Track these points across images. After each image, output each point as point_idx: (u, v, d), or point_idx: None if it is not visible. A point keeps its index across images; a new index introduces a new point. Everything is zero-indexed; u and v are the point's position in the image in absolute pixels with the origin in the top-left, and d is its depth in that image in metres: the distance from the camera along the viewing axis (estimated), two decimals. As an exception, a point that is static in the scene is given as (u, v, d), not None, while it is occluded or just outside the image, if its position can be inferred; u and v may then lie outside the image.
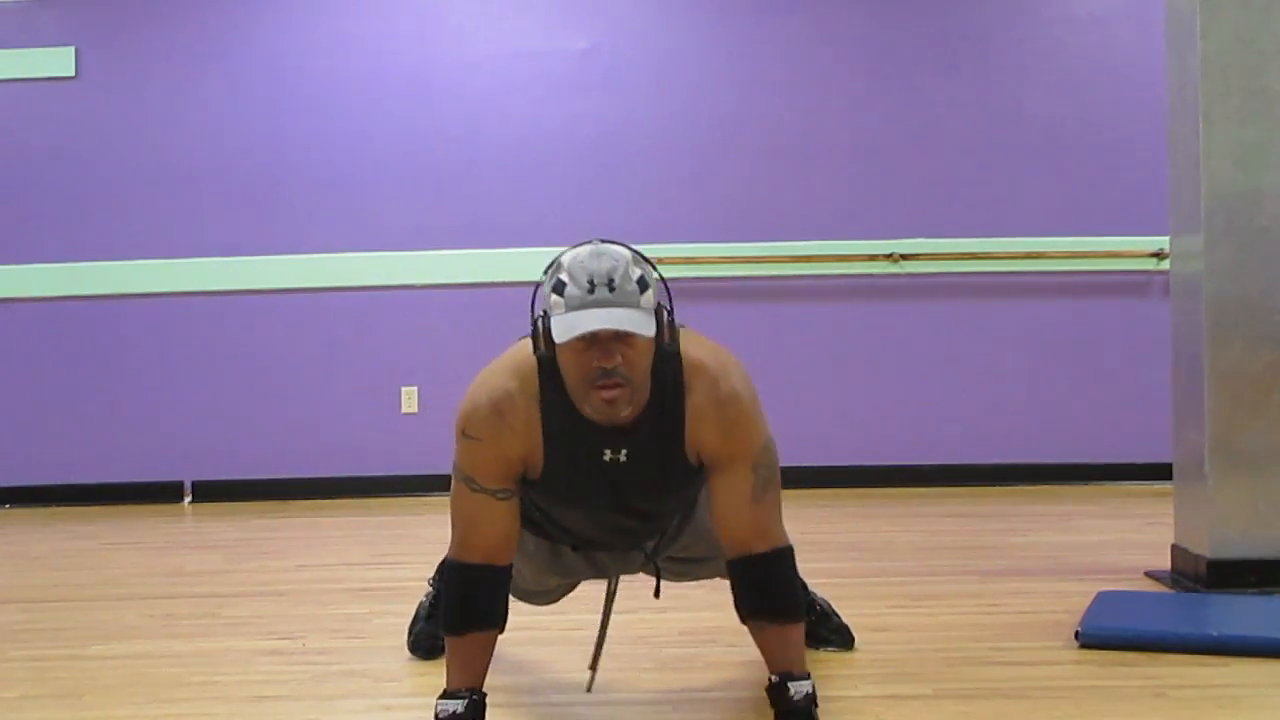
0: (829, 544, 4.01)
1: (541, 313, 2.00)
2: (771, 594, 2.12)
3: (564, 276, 1.96)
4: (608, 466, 2.07)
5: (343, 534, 4.62)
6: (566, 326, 1.92)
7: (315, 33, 5.54)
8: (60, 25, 5.53)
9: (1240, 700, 2.34)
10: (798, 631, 2.15)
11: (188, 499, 5.56)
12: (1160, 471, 4.10)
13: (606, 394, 1.95)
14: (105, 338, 5.55)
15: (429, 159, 5.53)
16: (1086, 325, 5.51)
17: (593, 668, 2.39)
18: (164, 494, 5.54)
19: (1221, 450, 3.28)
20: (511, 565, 2.15)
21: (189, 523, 5.10)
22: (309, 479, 5.53)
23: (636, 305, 1.95)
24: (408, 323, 5.55)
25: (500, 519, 2.10)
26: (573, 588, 2.58)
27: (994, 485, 5.42)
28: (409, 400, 5.54)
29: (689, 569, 2.48)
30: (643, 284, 1.98)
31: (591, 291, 1.93)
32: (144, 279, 5.52)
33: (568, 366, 1.98)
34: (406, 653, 2.75)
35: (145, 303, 5.54)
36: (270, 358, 5.56)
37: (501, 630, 2.14)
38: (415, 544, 4.38)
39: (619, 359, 1.93)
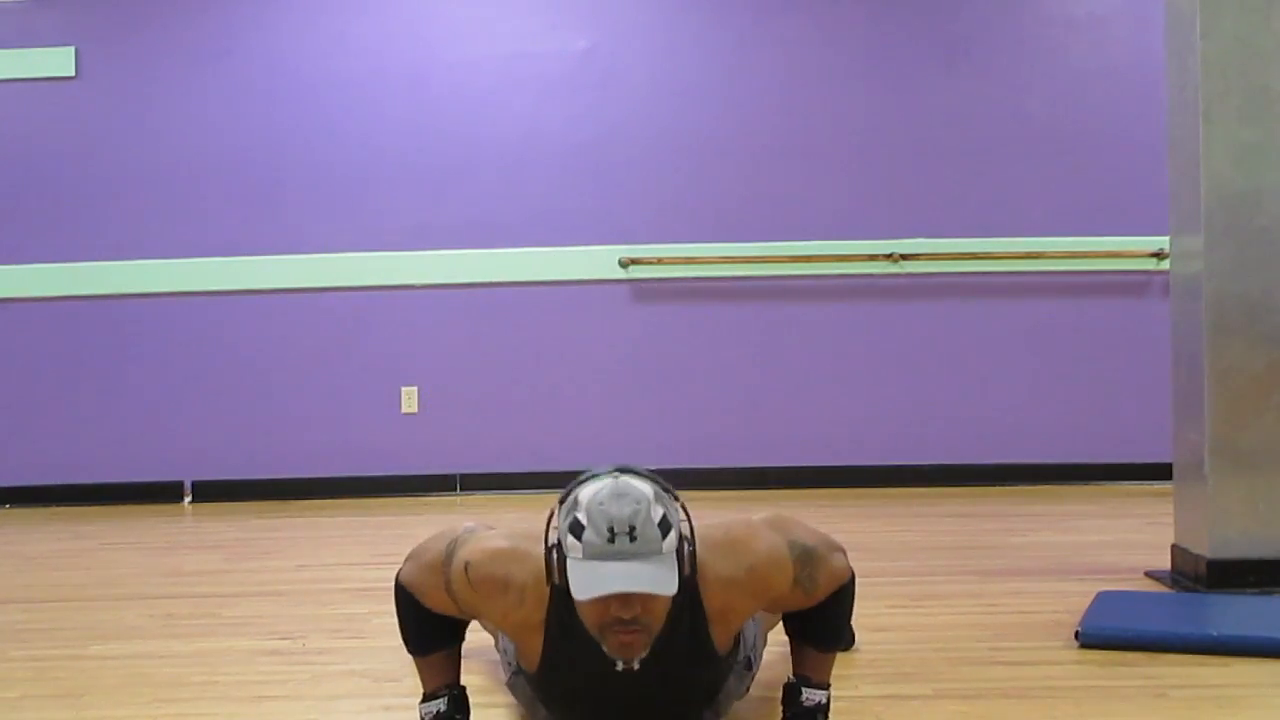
0: (829, 544, 4.01)
1: (555, 542, 1.89)
2: (823, 626, 2.11)
3: (582, 518, 1.84)
4: (618, 675, 1.93)
5: (343, 534, 4.62)
6: (585, 582, 1.81)
7: (315, 33, 5.54)
8: (60, 25, 5.53)
9: (1240, 700, 2.34)
10: (834, 654, 2.15)
11: (188, 499, 5.56)
12: (1160, 471, 4.10)
13: (624, 639, 1.86)
14: (105, 338, 5.55)
15: (429, 159, 5.53)
16: (1086, 325, 5.51)
17: None
18: (164, 494, 5.54)
19: (1221, 450, 3.28)
20: None
21: (189, 523, 5.10)
22: (309, 479, 5.53)
23: (658, 553, 1.82)
24: (408, 323, 5.55)
25: (455, 613, 2.09)
26: None
27: (994, 485, 5.42)
28: (409, 400, 5.54)
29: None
30: (664, 526, 1.84)
31: (612, 541, 1.80)
32: (144, 279, 5.52)
33: (584, 613, 1.88)
34: (406, 653, 2.75)
35: (145, 303, 5.54)
36: (270, 358, 5.56)
37: (461, 640, 2.15)
38: (415, 544, 4.38)
39: (638, 609, 1.83)
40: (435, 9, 5.56)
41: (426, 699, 2.12)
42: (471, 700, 2.15)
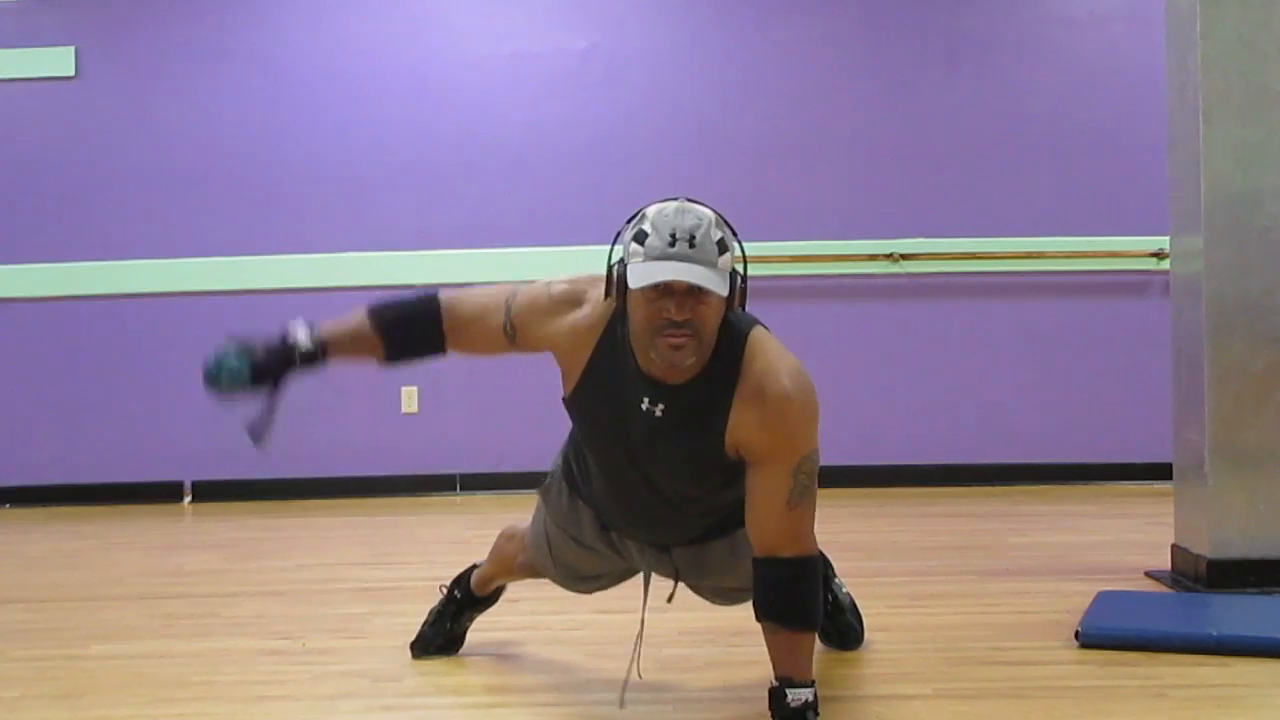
0: (829, 544, 3.99)
1: (619, 260, 2.04)
2: (789, 600, 2.12)
3: (647, 227, 2.02)
4: (641, 414, 2.09)
5: (343, 534, 4.62)
6: (643, 274, 1.96)
7: (315, 32, 5.54)
8: (60, 25, 5.53)
9: (1240, 700, 2.35)
10: (808, 640, 2.15)
11: (188, 499, 5.56)
12: (1160, 471, 4.10)
13: (674, 340, 1.98)
14: (105, 338, 5.55)
15: (429, 159, 5.53)
16: (1086, 325, 5.51)
17: (625, 683, 2.33)
18: (164, 494, 5.53)
19: (1221, 450, 3.28)
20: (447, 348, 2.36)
21: (189, 523, 5.10)
22: (308, 479, 5.52)
23: (714, 265, 1.99)
24: (408, 323, 5.54)
25: (488, 340, 2.37)
26: (612, 583, 2.55)
27: (994, 485, 5.42)
28: (409, 400, 5.54)
29: (732, 597, 2.44)
30: (722, 246, 2.03)
31: (673, 244, 1.97)
32: (144, 279, 5.52)
33: (637, 312, 2.02)
34: (406, 653, 2.75)
35: (145, 303, 5.53)
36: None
37: (387, 351, 2.42)
38: (415, 544, 4.39)
39: (689, 313, 1.97)
40: (435, 9, 5.56)
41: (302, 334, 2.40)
42: (474, 700, 2.15)
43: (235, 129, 5.52)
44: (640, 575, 2.44)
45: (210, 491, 5.53)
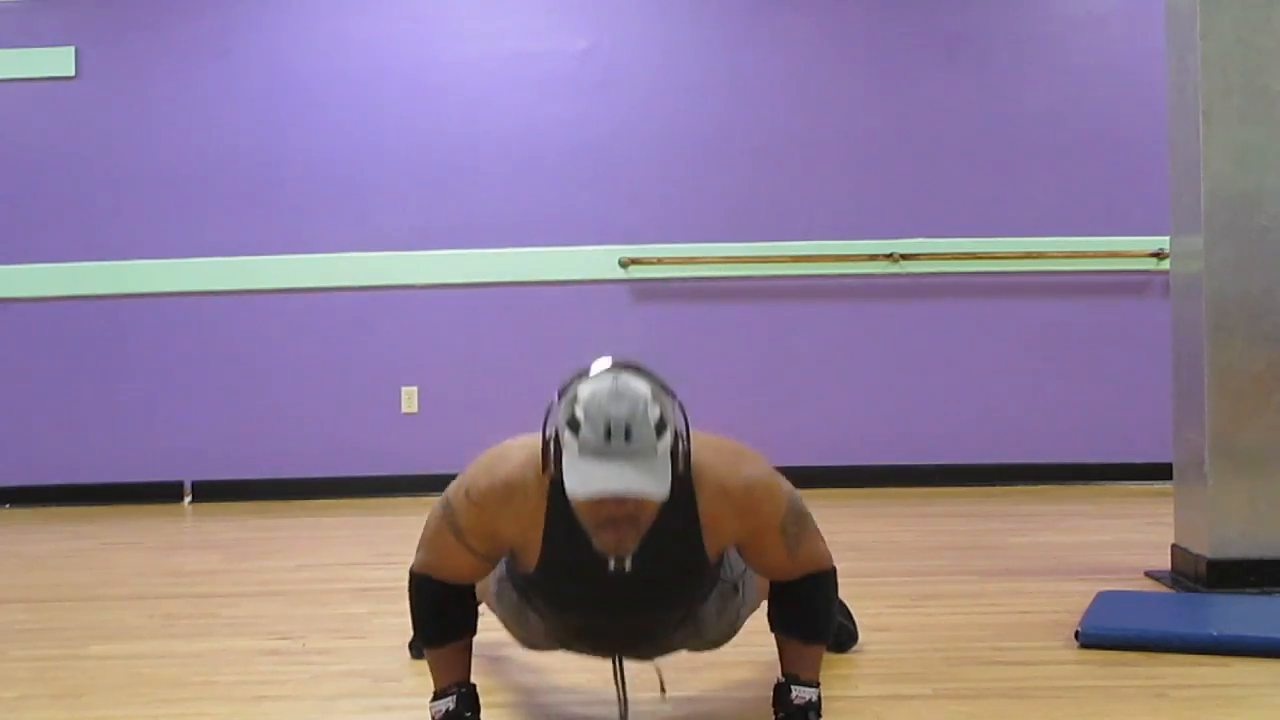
0: (829, 544, 4.01)
1: (554, 433, 1.92)
2: (803, 614, 2.13)
3: (579, 413, 1.88)
4: (611, 575, 1.96)
5: (343, 534, 4.62)
6: (579, 480, 1.84)
7: (315, 33, 5.54)
8: (60, 25, 5.53)
9: (1240, 700, 2.34)
10: (818, 648, 2.15)
11: (188, 499, 5.56)
12: (1160, 471, 4.10)
13: (615, 534, 1.89)
14: (105, 338, 5.55)
15: (428, 159, 5.53)
16: (1086, 325, 5.51)
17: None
18: (164, 494, 5.54)
19: (1221, 450, 3.28)
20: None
21: (189, 523, 5.10)
22: (309, 479, 5.53)
23: (653, 454, 1.86)
24: (408, 323, 5.55)
25: (472, 570, 2.10)
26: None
27: (994, 485, 5.42)
28: (409, 400, 5.54)
29: (705, 648, 2.39)
30: (660, 426, 1.89)
31: (608, 439, 1.84)
32: (144, 279, 5.52)
33: (578, 509, 1.91)
34: (406, 653, 2.76)
35: (145, 303, 5.54)
36: (270, 358, 5.56)
37: (475, 631, 2.15)
38: (415, 544, 4.38)
39: (631, 507, 1.87)
40: (435, 9, 5.56)
41: (437, 696, 2.11)
42: (481, 700, 2.15)
43: (235, 129, 5.52)
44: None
45: (210, 491, 5.53)
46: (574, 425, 1.88)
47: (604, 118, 5.52)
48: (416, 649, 2.74)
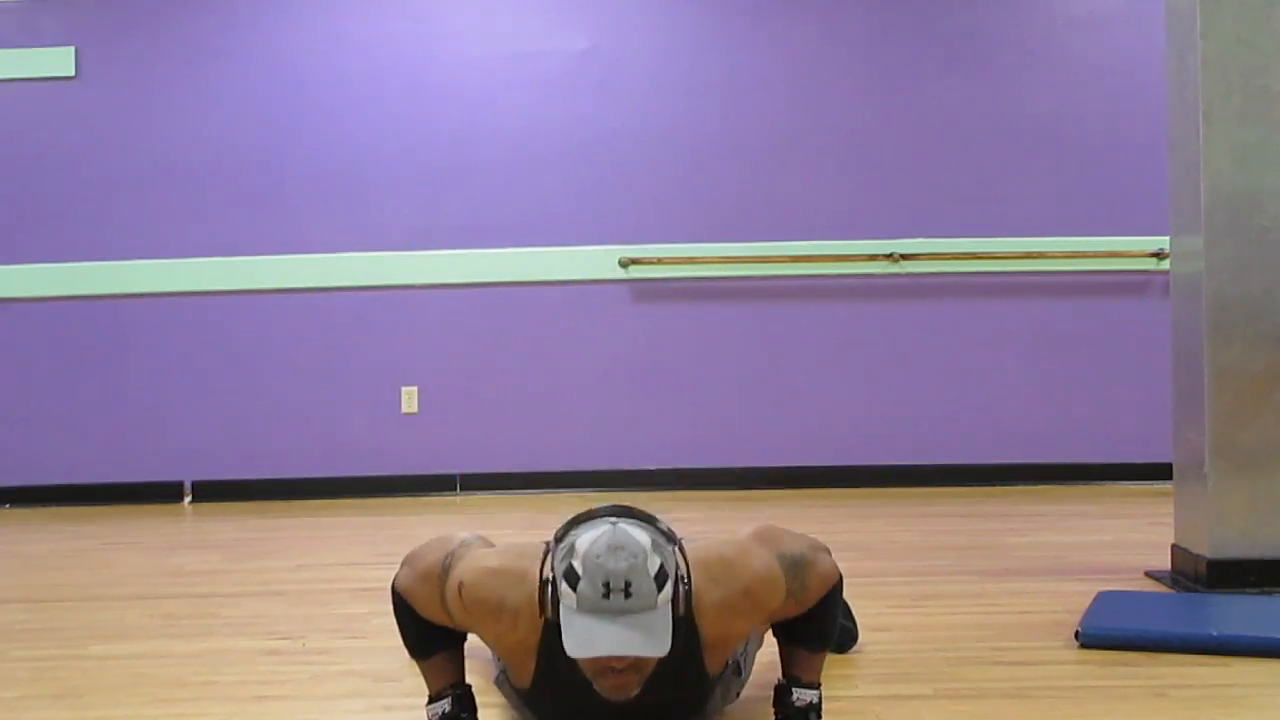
0: (829, 544, 4.01)
1: (550, 578, 1.86)
2: (811, 627, 2.12)
3: (578, 567, 1.80)
4: (610, 703, 1.92)
5: (343, 534, 4.62)
6: (578, 640, 1.79)
7: (315, 33, 5.54)
8: (60, 25, 5.53)
9: (1240, 700, 2.34)
10: (824, 654, 2.15)
11: (188, 499, 5.56)
12: (1160, 471, 4.10)
13: (617, 682, 1.86)
14: (105, 338, 5.55)
15: (428, 159, 5.53)
16: (1086, 325, 5.51)
17: None
18: (164, 494, 5.54)
19: (1221, 450, 3.28)
20: None
21: (189, 523, 5.10)
22: (309, 479, 5.53)
23: (653, 608, 1.80)
24: (408, 323, 5.55)
25: (450, 626, 2.09)
26: None
27: (994, 485, 5.42)
28: (409, 400, 5.54)
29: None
30: (660, 578, 1.81)
31: (607, 596, 1.78)
32: (144, 279, 5.53)
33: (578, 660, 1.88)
34: (406, 653, 2.75)
35: (145, 303, 5.54)
36: (270, 358, 5.56)
37: (465, 639, 2.14)
38: (415, 544, 4.37)
39: (632, 659, 1.83)
40: (435, 9, 5.56)
41: (432, 700, 2.11)
42: (481, 700, 2.15)
43: (235, 129, 5.52)
44: None
45: (210, 491, 5.53)
46: (571, 578, 1.80)
47: (604, 118, 5.52)
48: (416, 650, 2.73)
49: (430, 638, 2.13)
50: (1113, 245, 5.46)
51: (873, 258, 5.47)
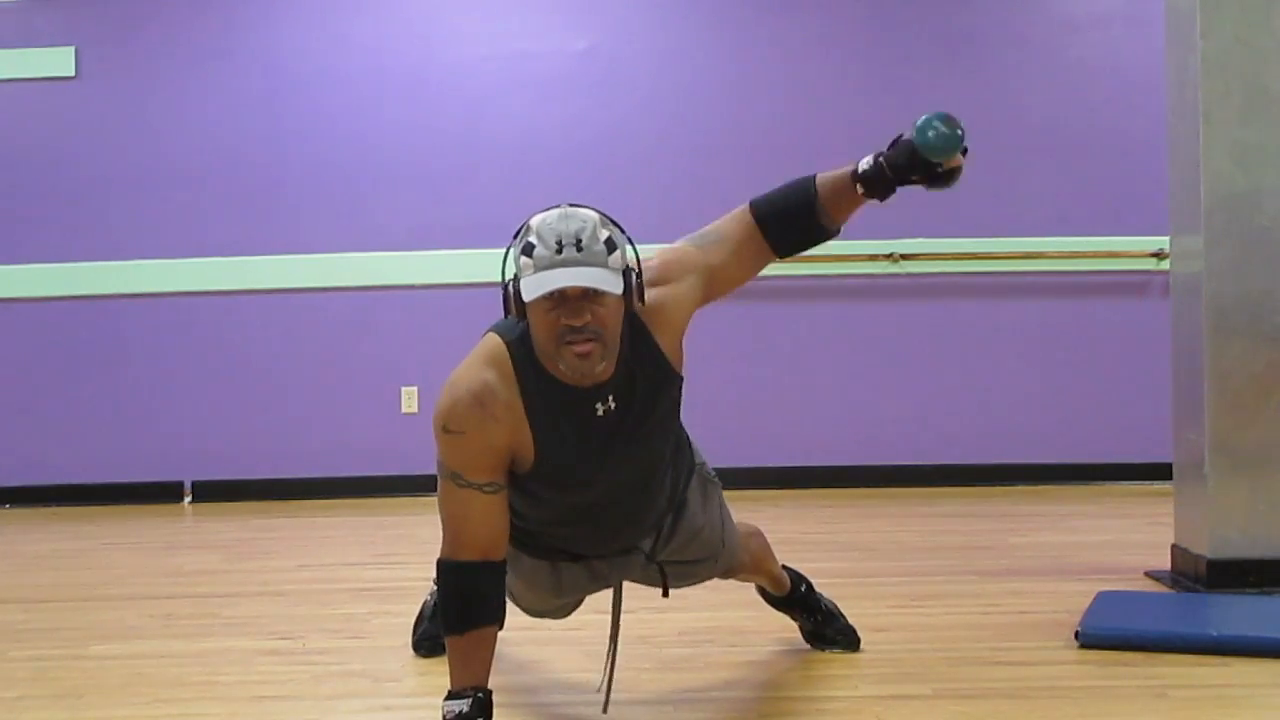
0: (829, 544, 4.01)
1: (512, 277, 2.02)
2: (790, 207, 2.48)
3: (532, 239, 1.99)
4: (600, 422, 2.07)
5: (343, 534, 4.62)
6: (535, 284, 1.94)
7: (315, 33, 5.54)
8: (60, 25, 5.53)
9: (1240, 700, 2.34)
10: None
11: (188, 499, 5.56)
12: (1160, 471, 4.10)
13: (579, 349, 1.97)
14: (105, 338, 5.55)
15: (428, 159, 5.53)
16: (1086, 325, 5.51)
17: (607, 689, 2.28)
18: (164, 494, 5.53)
19: (1221, 450, 3.28)
20: (506, 560, 2.13)
21: (189, 523, 5.10)
22: (309, 479, 5.52)
23: (604, 264, 1.98)
24: (408, 323, 5.54)
25: (490, 514, 2.09)
26: (580, 603, 2.50)
27: (994, 485, 5.42)
28: (409, 400, 5.54)
29: (689, 570, 2.45)
30: (610, 245, 2.02)
31: (560, 251, 1.95)
32: (144, 279, 5.52)
33: (538, 327, 2.00)
34: (406, 653, 2.75)
35: (145, 303, 5.54)
36: (270, 358, 5.56)
37: (501, 625, 2.13)
38: (415, 544, 4.38)
39: (589, 316, 1.96)
40: (435, 9, 5.56)
41: (451, 696, 2.09)
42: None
43: (235, 129, 5.52)
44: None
45: (210, 491, 5.53)
46: (527, 249, 1.98)
47: (604, 118, 5.52)
48: (423, 647, 2.73)
49: (469, 607, 2.09)
50: (1113, 245, 5.45)
51: (873, 258, 5.47)
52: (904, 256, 5.46)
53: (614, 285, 1.98)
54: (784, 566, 2.67)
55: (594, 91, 5.53)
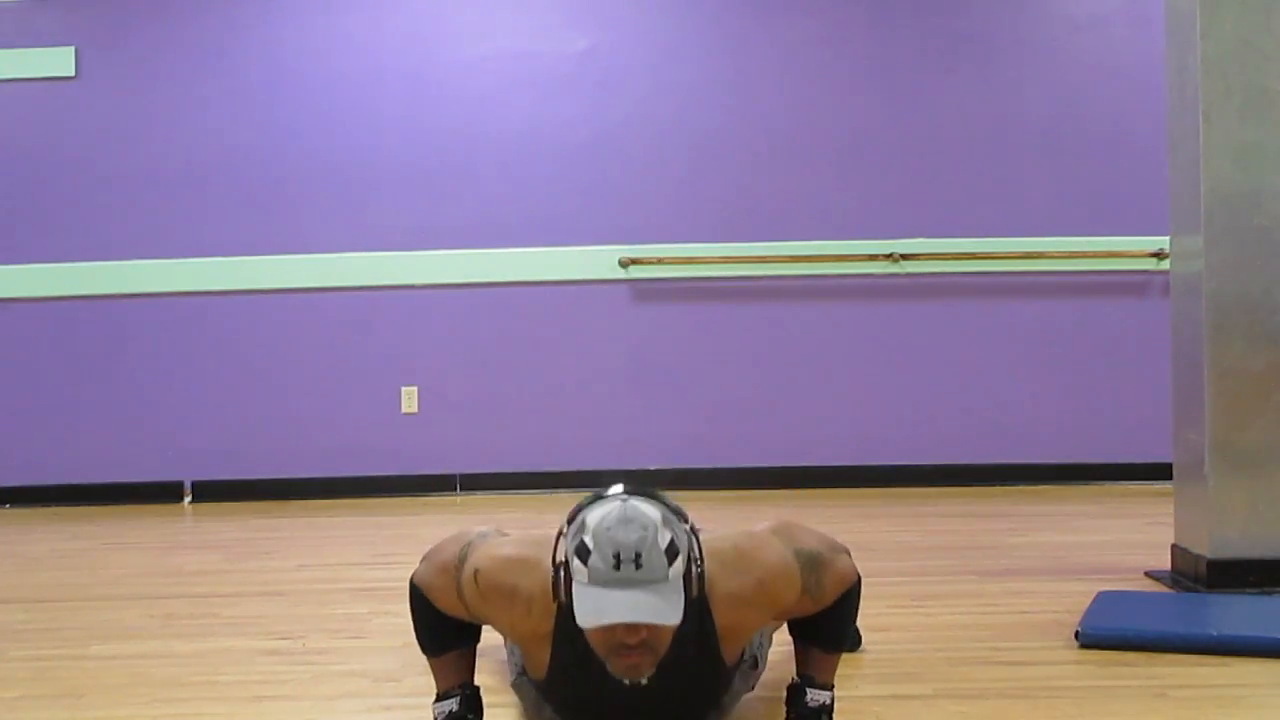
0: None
1: (563, 561, 1.87)
2: (828, 626, 2.12)
3: (589, 541, 1.82)
4: (627, 689, 1.92)
5: (343, 534, 4.62)
6: (589, 610, 1.80)
7: (315, 33, 5.54)
8: (60, 25, 5.53)
9: (1240, 700, 2.34)
10: (838, 655, 2.15)
11: (188, 499, 5.56)
12: (1160, 471, 4.10)
13: (630, 661, 1.85)
14: (105, 338, 5.55)
15: (428, 159, 5.53)
16: (1086, 325, 5.51)
17: None
18: (164, 494, 5.54)
19: (1221, 450, 3.28)
20: None
21: (189, 523, 5.10)
22: (309, 479, 5.53)
23: (664, 580, 1.81)
24: (408, 323, 5.55)
25: (467, 618, 2.09)
26: None
27: (994, 485, 5.42)
28: (409, 400, 5.54)
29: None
30: (671, 553, 1.83)
31: (617, 568, 1.79)
32: (144, 279, 5.52)
33: (590, 636, 1.87)
34: (406, 653, 2.75)
35: (145, 303, 5.54)
36: (270, 358, 5.56)
37: (477, 641, 2.14)
38: (415, 544, 4.36)
39: (644, 634, 1.83)
40: (435, 9, 5.56)
41: (440, 698, 2.11)
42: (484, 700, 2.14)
43: (235, 129, 5.52)
44: None
45: (210, 491, 5.53)
46: (582, 553, 1.82)
47: (604, 118, 5.52)
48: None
49: (444, 634, 2.12)
50: (1113, 245, 5.46)
51: (873, 258, 5.47)
52: (904, 256, 5.46)
53: (673, 610, 1.82)
54: None
55: (594, 91, 5.53)
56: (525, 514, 4.79)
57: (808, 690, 2.08)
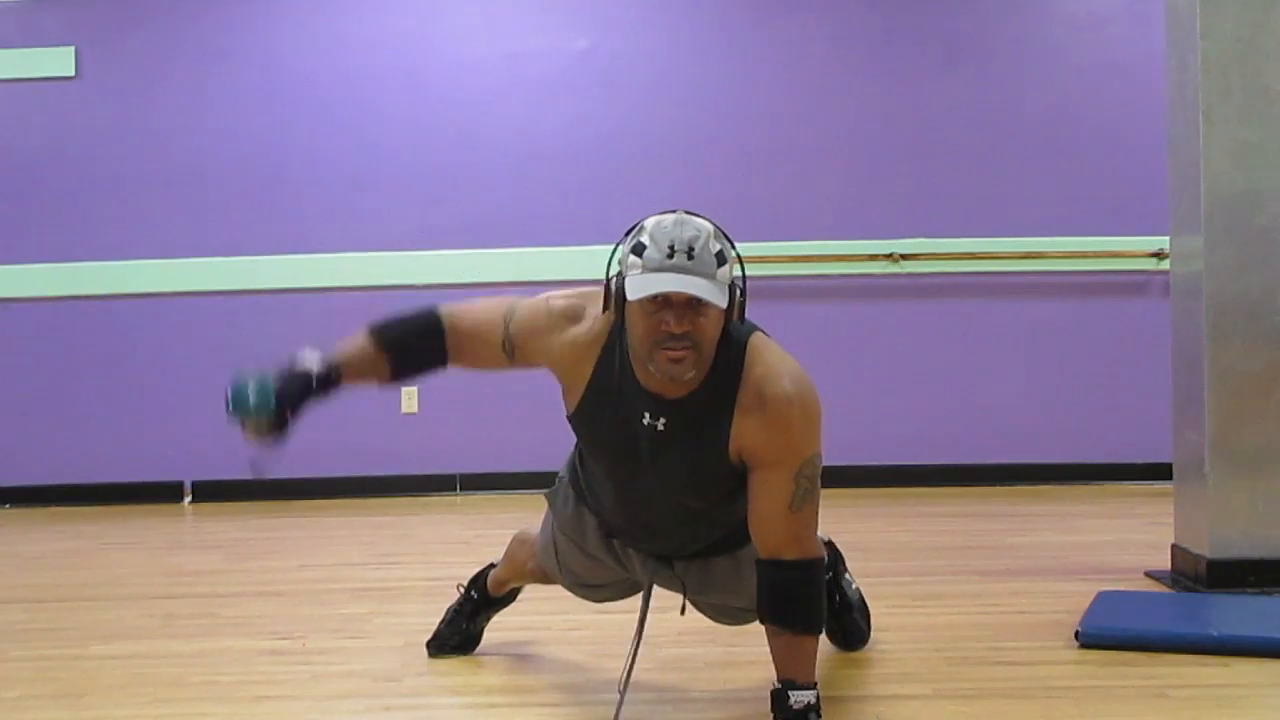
0: (833, 541, 4.01)
1: (617, 273, 2.04)
2: (792, 602, 2.12)
3: (645, 239, 2.00)
4: (644, 428, 2.09)
5: (343, 534, 4.62)
6: (641, 285, 1.96)
7: (315, 33, 5.54)
8: (60, 25, 5.53)
9: (1240, 700, 2.35)
10: (811, 642, 2.15)
11: (188, 499, 5.56)
12: (1160, 471, 4.10)
13: (674, 353, 1.99)
14: (105, 338, 5.55)
15: (429, 159, 5.53)
16: (1086, 325, 5.51)
17: (621, 690, 2.28)
18: (164, 494, 5.53)
19: (1221, 450, 3.28)
20: (451, 336, 2.36)
21: (189, 523, 5.10)
22: (309, 479, 5.52)
23: (713, 276, 1.98)
24: (408, 323, 5.53)
25: (485, 359, 2.28)
26: (618, 594, 2.54)
27: (994, 485, 5.42)
28: (409, 400, 5.54)
29: (738, 616, 2.42)
30: (721, 258, 2.01)
31: (671, 256, 1.96)
32: (144, 279, 5.52)
33: (636, 325, 2.01)
34: (406, 653, 2.76)
35: (145, 303, 5.53)
36: (270, 358, 5.55)
37: (393, 376, 2.47)
38: (415, 544, 4.39)
39: (689, 324, 1.97)
40: (435, 9, 5.56)
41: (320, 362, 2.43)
42: (474, 700, 2.15)
43: (235, 129, 5.52)
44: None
45: (210, 491, 5.53)
46: (638, 249, 2.00)
47: (603, 118, 5.52)
48: (434, 647, 2.73)
49: (406, 344, 2.48)
50: (1113, 245, 5.45)
51: (873, 258, 5.47)
52: (904, 256, 5.46)
53: (719, 298, 1.99)
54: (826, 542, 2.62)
55: (594, 91, 5.53)
56: (525, 514, 4.79)
57: (790, 693, 2.08)
